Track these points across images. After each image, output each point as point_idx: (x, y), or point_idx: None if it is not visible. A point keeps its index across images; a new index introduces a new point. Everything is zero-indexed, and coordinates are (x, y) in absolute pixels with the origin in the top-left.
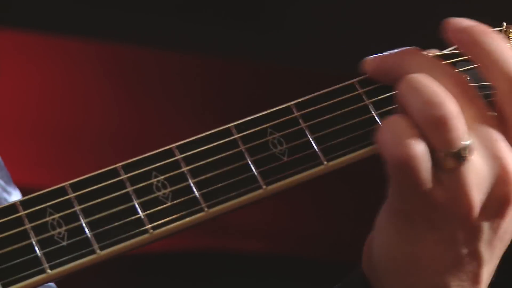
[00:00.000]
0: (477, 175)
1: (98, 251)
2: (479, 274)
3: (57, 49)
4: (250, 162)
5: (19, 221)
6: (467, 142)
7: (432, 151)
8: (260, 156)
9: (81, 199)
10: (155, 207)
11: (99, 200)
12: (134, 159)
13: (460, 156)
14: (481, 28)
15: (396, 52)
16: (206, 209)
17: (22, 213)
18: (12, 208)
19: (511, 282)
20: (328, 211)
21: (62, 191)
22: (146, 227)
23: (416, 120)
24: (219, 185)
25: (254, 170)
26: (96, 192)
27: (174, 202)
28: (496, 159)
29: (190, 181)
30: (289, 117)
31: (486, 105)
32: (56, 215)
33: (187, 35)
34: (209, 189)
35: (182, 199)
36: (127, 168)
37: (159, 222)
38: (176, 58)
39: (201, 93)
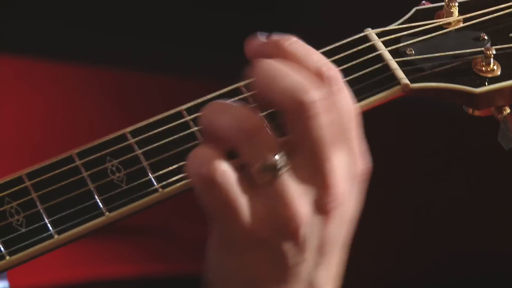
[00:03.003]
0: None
1: (56, 235)
2: (314, 281)
3: (57, 74)
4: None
5: None
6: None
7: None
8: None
9: (37, 187)
10: (112, 191)
11: (55, 186)
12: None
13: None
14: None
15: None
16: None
17: None
18: None
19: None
20: None
21: (18, 181)
22: (102, 209)
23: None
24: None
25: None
26: (52, 179)
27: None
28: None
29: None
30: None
31: (274, 132)
32: (14, 203)
33: (190, 60)
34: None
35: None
36: (81, 154)
37: (114, 204)
38: (177, 82)
39: None
